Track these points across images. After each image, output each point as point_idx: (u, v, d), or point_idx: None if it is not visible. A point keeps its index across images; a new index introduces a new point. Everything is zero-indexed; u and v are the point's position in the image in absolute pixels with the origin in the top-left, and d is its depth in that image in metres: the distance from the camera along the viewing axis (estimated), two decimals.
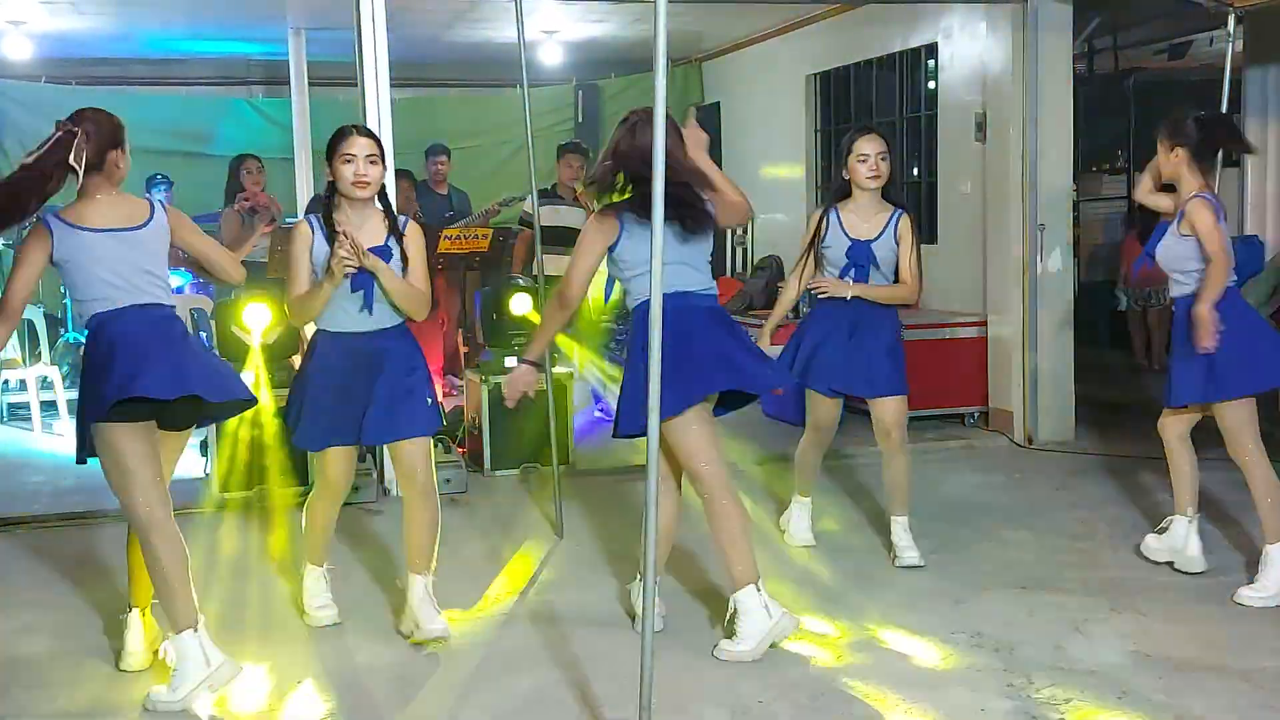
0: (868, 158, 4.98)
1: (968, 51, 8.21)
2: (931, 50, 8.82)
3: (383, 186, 4.27)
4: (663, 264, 3.28)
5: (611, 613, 4.66)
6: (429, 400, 4.35)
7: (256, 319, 6.26)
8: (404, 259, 4.24)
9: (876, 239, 5.05)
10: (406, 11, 7.19)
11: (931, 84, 8.96)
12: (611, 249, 4.22)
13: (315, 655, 4.30)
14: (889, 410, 5.17)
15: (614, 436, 4.30)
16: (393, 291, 4.16)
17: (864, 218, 5.08)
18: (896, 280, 5.11)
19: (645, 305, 3.60)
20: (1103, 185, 12.15)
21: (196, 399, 3.90)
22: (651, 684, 3.25)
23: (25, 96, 11.09)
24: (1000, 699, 3.80)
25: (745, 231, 11.55)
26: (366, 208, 4.23)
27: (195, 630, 3.82)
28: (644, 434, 3.35)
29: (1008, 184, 7.65)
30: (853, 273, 5.07)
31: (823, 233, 5.11)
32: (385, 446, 4.53)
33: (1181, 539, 5.00)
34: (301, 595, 4.65)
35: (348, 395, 4.22)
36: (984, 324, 7.96)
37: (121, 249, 3.84)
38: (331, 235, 4.10)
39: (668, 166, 3.23)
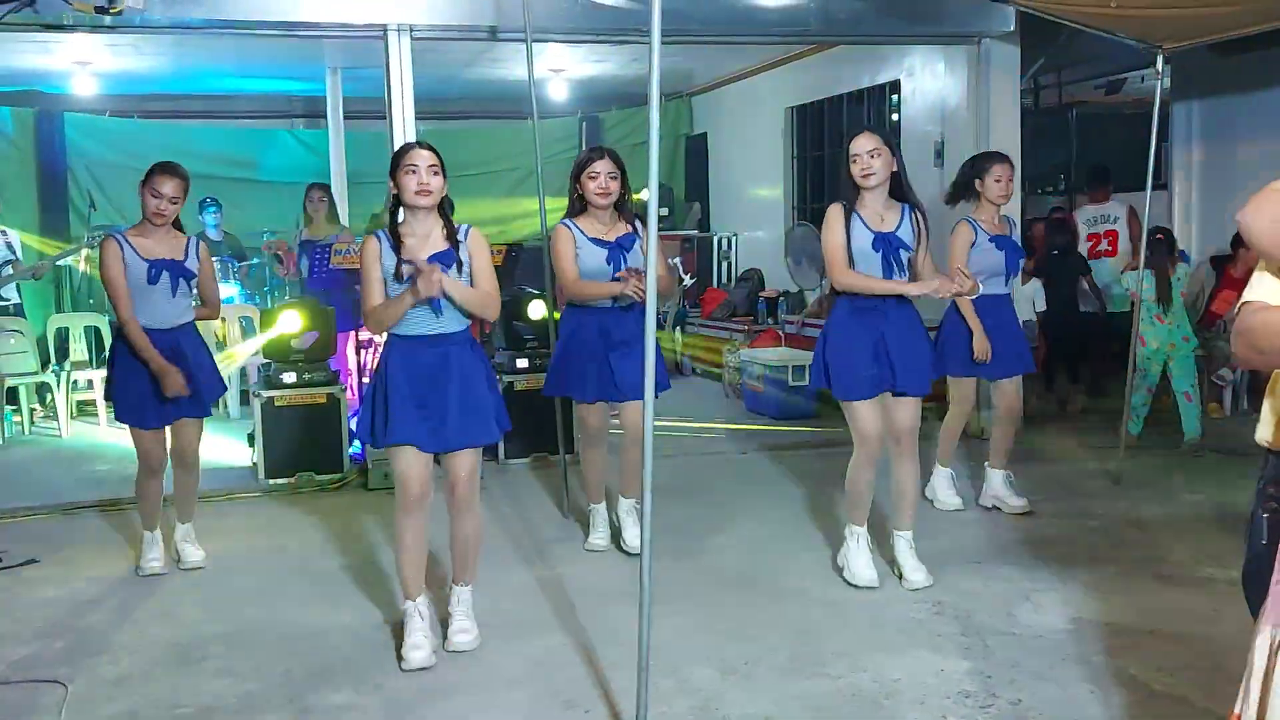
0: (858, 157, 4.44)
1: (928, 87, 8.21)
2: (895, 86, 8.82)
3: (444, 198, 3.96)
4: None
5: (612, 584, 4.64)
6: (495, 405, 4.00)
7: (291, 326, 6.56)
8: (464, 264, 3.92)
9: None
10: (430, 53, 7.19)
11: (896, 116, 8.96)
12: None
13: (346, 620, 4.30)
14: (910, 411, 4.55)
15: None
16: (465, 302, 3.85)
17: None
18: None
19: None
20: (1047, 207, 12.15)
21: None
22: (649, 647, 3.24)
23: (91, 128, 11.09)
24: (958, 660, 3.80)
25: (730, 246, 11.56)
26: (429, 217, 3.89)
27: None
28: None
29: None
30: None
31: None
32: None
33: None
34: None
35: (423, 400, 3.84)
36: (935, 329, 7.92)
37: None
38: (398, 245, 3.84)
39: None
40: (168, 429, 4.84)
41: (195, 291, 4.92)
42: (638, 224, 4.87)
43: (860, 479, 4.53)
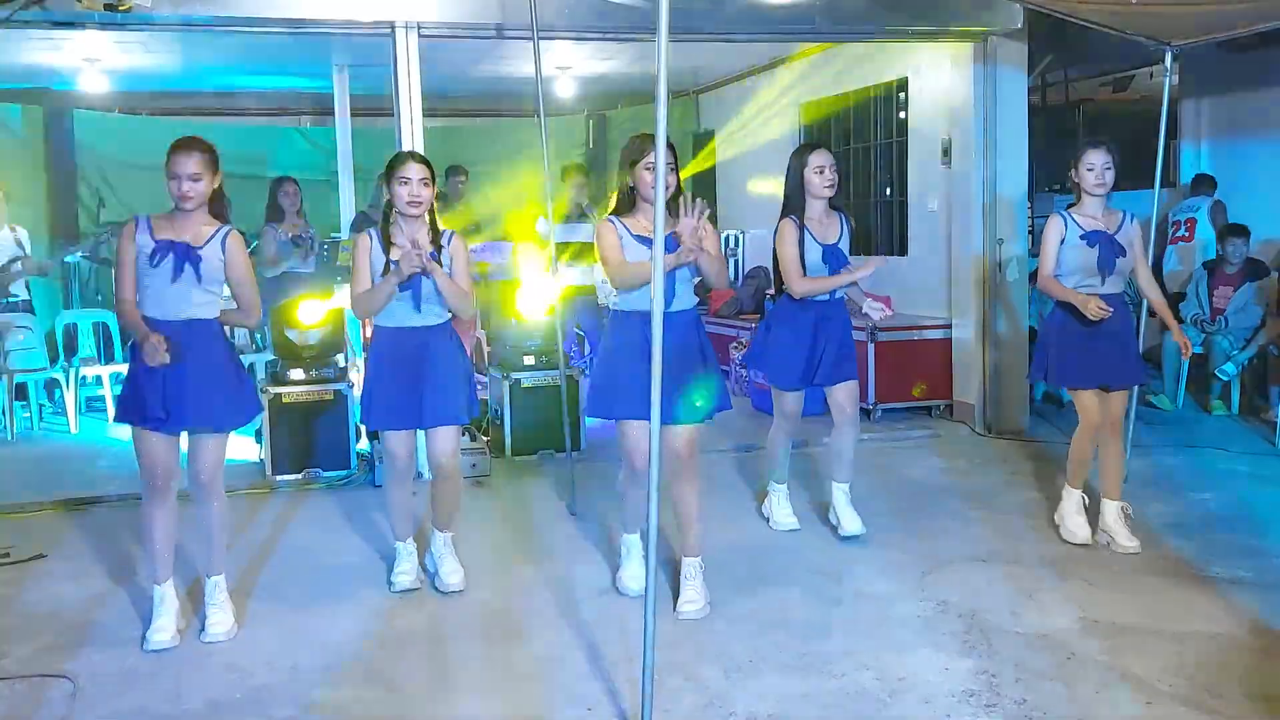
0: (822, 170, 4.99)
1: (934, 85, 8.19)
2: (902, 84, 8.80)
3: (432, 205, 4.40)
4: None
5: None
6: (466, 393, 4.49)
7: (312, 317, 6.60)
8: (444, 265, 4.38)
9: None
10: (437, 50, 7.17)
11: (902, 114, 8.94)
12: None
13: (354, 616, 4.31)
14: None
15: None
16: (444, 290, 4.31)
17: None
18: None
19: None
20: (1054, 204, 12.13)
21: None
22: (654, 645, 3.24)
23: (101, 126, 11.11)
24: (962, 658, 3.80)
25: (737, 244, 11.55)
26: (417, 223, 4.37)
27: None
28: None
29: (970, 202, 7.64)
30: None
31: None
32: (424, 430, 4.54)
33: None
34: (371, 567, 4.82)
35: (403, 384, 4.37)
36: (949, 326, 7.95)
37: None
38: (388, 245, 4.30)
39: None
40: (182, 441, 4.12)
41: (221, 288, 4.16)
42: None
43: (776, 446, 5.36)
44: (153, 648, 4.00)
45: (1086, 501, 5.08)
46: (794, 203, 5.04)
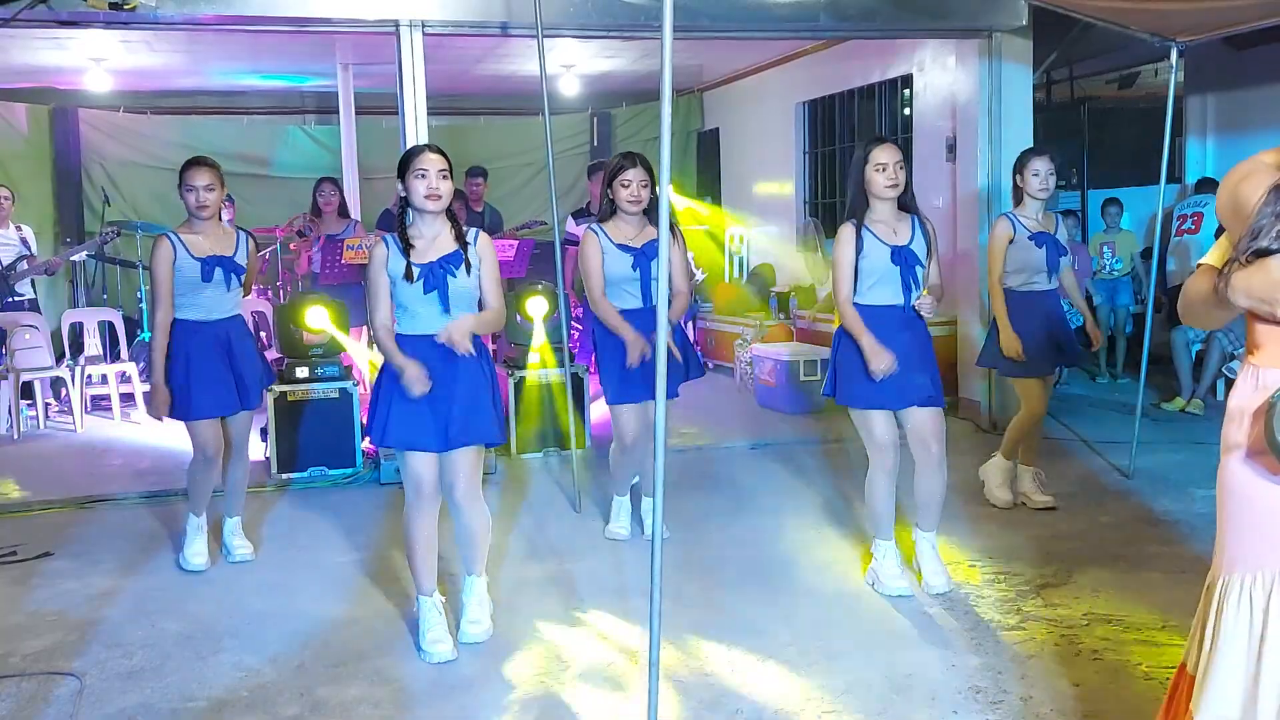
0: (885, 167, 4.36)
1: (939, 82, 8.18)
2: (907, 81, 8.79)
3: (451, 201, 3.99)
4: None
5: (624, 579, 4.65)
6: (496, 411, 3.99)
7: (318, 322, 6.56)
8: (472, 266, 3.94)
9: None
10: (441, 49, 7.18)
11: (907, 111, 8.93)
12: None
13: (359, 614, 4.31)
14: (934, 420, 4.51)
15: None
16: (482, 328, 3.96)
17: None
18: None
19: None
20: (1058, 201, 12.11)
21: None
22: (659, 641, 3.24)
23: (106, 125, 11.13)
24: (968, 655, 3.79)
25: (742, 242, 11.54)
26: (437, 220, 3.94)
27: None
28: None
29: (975, 199, 7.63)
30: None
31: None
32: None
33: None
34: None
35: (429, 400, 3.86)
36: (954, 323, 7.94)
37: None
38: (407, 248, 3.89)
39: None
40: (223, 421, 4.89)
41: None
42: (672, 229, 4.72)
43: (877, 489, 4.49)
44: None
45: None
46: (856, 204, 4.40)
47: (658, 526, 3.07)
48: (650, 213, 4.81)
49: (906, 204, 4.42)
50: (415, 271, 3.85)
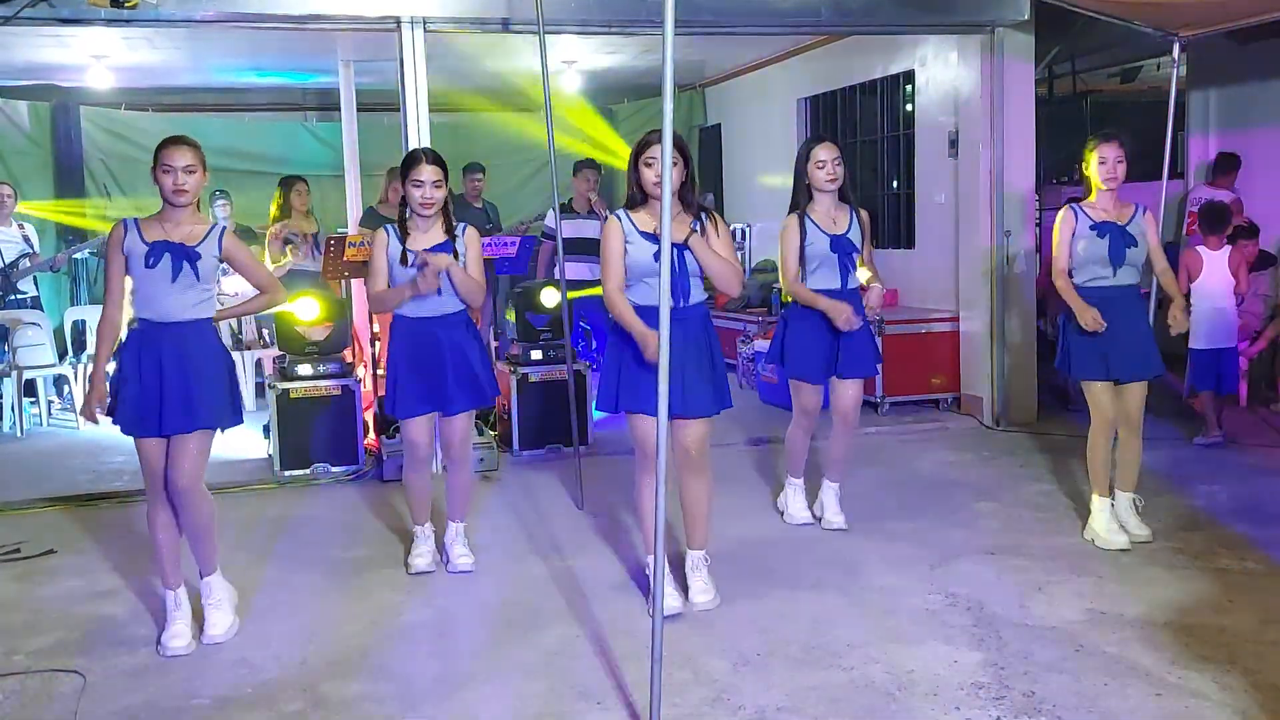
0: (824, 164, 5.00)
1: (941, 77, 8.17)
2: (909, 76, 8.78)
3: (445, 199, 4.63)
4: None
5: (626, 576, 4.66)
6: (487, 376, 4.66)
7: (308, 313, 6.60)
8: (459, 255, 4.57)
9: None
10: (442, 45, 7.17)
11: (909, 106, 8.92)
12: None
13: (362, 610, 4.32)
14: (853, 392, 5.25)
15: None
16: (460, 284, 4.51)
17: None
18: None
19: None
20: (1062, 196, 12.10)
21: None
22: (662, 639, 3.25)
23: (107, 122, 11.14)
24: (971, 652, 3.79)
25: (744, 238, 11.53)
26: (431, 217, 4.60)
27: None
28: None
29: (977, 195, 7.63)
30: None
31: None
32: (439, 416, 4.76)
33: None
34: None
35: (426, 372, 4.56)
36: (957, 319, 7.94)
37: None
38: (405, 237, 4.55)
39: None
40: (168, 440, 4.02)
41: (217, 286, 4.25)
42: (704, 217, 4.26)
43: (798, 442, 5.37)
44: (170, 654, 3.95)
45: (1114, 504, 4.95)
46: (800, 198, 5.09)
47: (659, 526, 3.08)
48: (685, 198, 4.15)
49: (845, 196, 5.05)
50: (409, 257, 4.47)
